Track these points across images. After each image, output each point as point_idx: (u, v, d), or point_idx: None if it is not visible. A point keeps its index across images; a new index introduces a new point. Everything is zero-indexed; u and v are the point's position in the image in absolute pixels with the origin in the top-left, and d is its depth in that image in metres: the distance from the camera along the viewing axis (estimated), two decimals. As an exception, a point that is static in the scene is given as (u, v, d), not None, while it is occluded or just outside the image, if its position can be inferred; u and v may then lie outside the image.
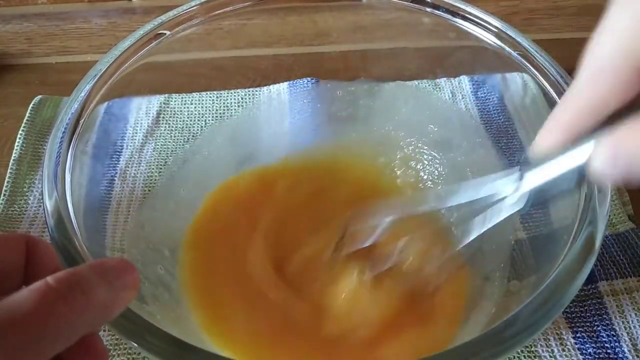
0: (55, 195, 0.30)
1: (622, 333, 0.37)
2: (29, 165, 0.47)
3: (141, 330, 0.26)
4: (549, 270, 0.28)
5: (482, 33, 0.39)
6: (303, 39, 0.47)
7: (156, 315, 0.32)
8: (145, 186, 0.42)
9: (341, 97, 0.48)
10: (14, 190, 0.45)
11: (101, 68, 0.36)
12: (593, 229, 0.29)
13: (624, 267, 0.40)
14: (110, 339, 0.37)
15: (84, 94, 0.34)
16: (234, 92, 0.50)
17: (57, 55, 0.59)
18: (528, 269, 0.35)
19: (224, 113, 0.48)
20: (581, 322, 0.37)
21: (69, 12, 0.56)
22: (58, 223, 0.29)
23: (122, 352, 0.37)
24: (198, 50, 0.43)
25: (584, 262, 0.28)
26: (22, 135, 0.49)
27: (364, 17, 0.45)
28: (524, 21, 0.57)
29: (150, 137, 0.44)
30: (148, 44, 0.38)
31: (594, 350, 0.36)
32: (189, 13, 0.40)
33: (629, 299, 0.38)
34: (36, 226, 0.44)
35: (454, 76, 0.49)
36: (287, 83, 0.49)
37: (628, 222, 0.42)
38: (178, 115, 0.47)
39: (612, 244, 0.41)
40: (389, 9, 0.43)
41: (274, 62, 0.49)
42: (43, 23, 0.57)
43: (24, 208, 0.44)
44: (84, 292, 0.22)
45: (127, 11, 0.57)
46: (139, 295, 0.32)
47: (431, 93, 0.48)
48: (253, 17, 0.44)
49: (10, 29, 0.57)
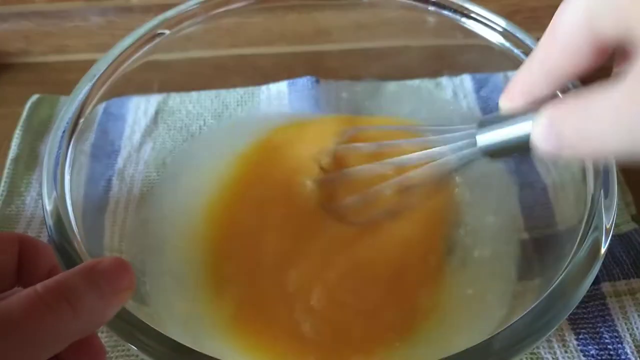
0: (55, 195, 0.30)
1: (625, 334, 0.37)
2: (26, 165, 0.47)
3: (138, 331, 0.26)
4: (554, 274, 0.28)
5: (486, 31, 0.39)
6: (303, 37, 0.47)
7: (155, 316, 0.32)
8: (143, 185, 0.41)
9: (342, 96, 0.48)
10: (11, 190, 0.45)
11: (101, 67, 0.36)
12: (599, 234, 0.29)
13: (627, 268, 0.39)
14: (108, 340, 0.37)
15: (84, 93, 0.34)
16: (233, 91, 0.49)
17: (54, 54, 0.58)
18: (533, 271, 0.35)
19: (223, 112, 0.48)
20: (584, 324, 0.37)
21: (66, 11, 0.56)
22: (57, 223, 0.29)
23: (121, 354, 0.36)
24: (197, 49, 0.43)
25: (589, 268, 0.28)
26: (19, 134, 0.48)
27: (365, 15, 0.45)
28: (525, 20, 0.57)
29: (149, 137, 0.44)
30: (148, 43, 0.38)
31: (596, 351, 0.36)
32: (189, 12, 0.40)
33: (632, 300, 0.38)
34: (33, 226, 0.43)
35: (457, 75, 0.49)
36: (287, 82, 0.49)
37: (631, 223, 0.42)
38: (176, 114, 0.47)
39: (615, 245, 0.40)
40: (390, 8, 0.42)
41: (274, 60, 0.49)
42: (41, 21, 0.57)
43: (21, 208, 0.44)
44: (70, 301, 0.22)
45: (125, 9, 0.56)
46: (137, 295, 0.32)
47: (433, 92, 0.48)
48: (253, 16, 0.44)
49: (7, 27, 0.57)
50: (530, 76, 0.25)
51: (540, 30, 0.24)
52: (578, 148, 0.22)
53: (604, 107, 0.20)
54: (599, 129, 0.20)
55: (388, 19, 0.44)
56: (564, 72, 0.23)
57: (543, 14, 0.56)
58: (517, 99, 0.26)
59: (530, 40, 0.37)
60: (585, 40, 0.22)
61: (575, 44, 0.22)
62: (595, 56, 0.22)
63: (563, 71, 0.23)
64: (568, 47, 0.22)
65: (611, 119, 0.20)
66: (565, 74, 0.23)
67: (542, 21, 0.58)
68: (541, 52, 0.24)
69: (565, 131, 0.22)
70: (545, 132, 0.23)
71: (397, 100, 0.46)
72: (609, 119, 0.20)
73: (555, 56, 0.23)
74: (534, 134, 0.24)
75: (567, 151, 0.22)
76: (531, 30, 0.39)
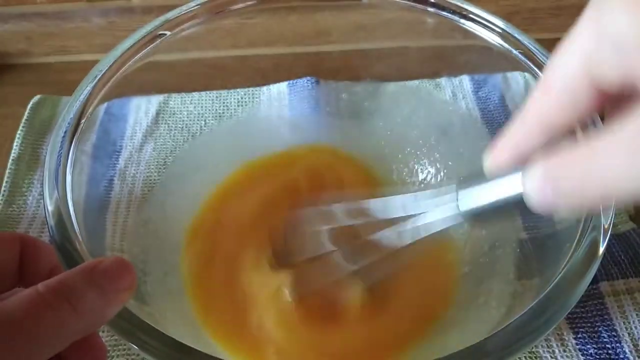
0: (56, 195, 0.30)
1: (624, 333, 0.37)
2: (27, 165, 0.47)
3: (139, 330, 0.26)
4: (552, 274, 0.28)
5: (484, 32, 0.39)
6: (303, 38, 0.47)
7: (156, 315, 0.32)
8: (144, 186, 0.41)
9: (341, 97, 0.48)
10: (13, 190, 0.45)
11: (102, 68, 0.36)
12: (597, 234, 0.29)
13: (625, 267, 0.39)
14: (109, 339, 0.37)
15: (85, 94, 0.34)
16: (233, 92, 0.49)
17: (56, 55, 0.59)
18: (531, 270, 0.35)
19: (224, 113, 0.48)
20: (582, 323, 0.37)
21: (68, 12, 0.56)
22: (58, 223, 0.29)
23: (122, 353, 0.36)
24: (198, 50, 0.43)
25: (587, 267, 0.28)
26: (20, 135, 0.48)
27: (365, 16, 0.45)
28: (524, 20, 0.57)
29: (150, 137, 0.44)
30: (149, 44, 0.38)
31: (595, 350, 0.36)
32: (190, 13, 0.40)
33: (630, 300, 0.38)
34: (35, 226, 0.43)
35: (456, 76, 0.49)
36: (287, 82, 0.49)
37: (629, 222, 0.42)
38: (177, 114, 0.47)
39: (613, 244, 0.41)
40: (390, 9, 0.42)
41: (274, 61, 0.49)
42: (42, 22, 0.57)
43: (23, 208, 0.44)
44: (71, 301, 0.22)
45: (126, 10, 0.57)
46: (138, 295, 0.32)
47: (432, 92, 0.48)
48: (253, 17, 0.44)
49: (9, 28, 0.57)
50: (522, 130, 0.23)
51: (539, 32, 0.23)
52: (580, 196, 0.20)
53: (611, 150, 0.19)
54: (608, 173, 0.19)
55: (387, 20, 0.44)
56: (560, 124, 0.22)
57: (542, 15, 0.57)
58: (505, 155, 0.24)
59: (529, 41, 0.37)
60: (584, 90, 0.20)
61: (573, 94, 0.21)
62: (593, 106, 0.21)
63: (559, 123, 0.22)
64: (566, 98, 0.21)
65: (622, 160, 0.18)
66: (562, 126, 0.22)
67: (541, 22, 0.58)
68: (536, 104, 0.23)
69: (564, 181, 0.20)
70: (541, 184, 0.21)
71: (397, 100, 0.46)
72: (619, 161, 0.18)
73: (551, 107, 0.22)
74: (527, 189, 0.22)
75: (566, 201, 0.21)
76: (530, 31, 0.39)
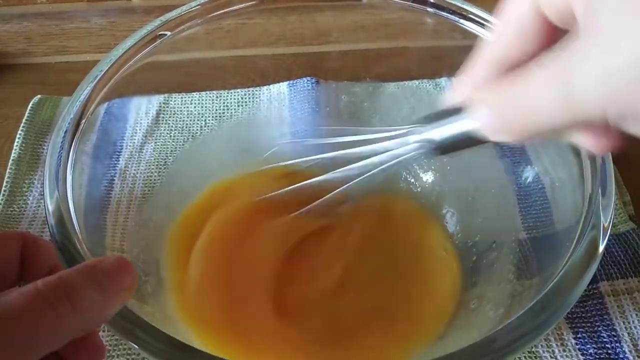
0: (57, 195, 0.30)
1: (623, 333, 0.37)
2: (28, 165, 0.47)
3: (139, 330, 0.26)
4: (552, 273, 0.28)
5: (484, 32, 0.39)
6: (303, 38, 0.47)
7: (156, 315, 0.32)
8: (145, 186, 0.41)
9: (341, 98, 0.48)
10: (13, 190, 0.45)
11: (102, 69, 0.36)
12: (596, 233, 0.29)
13: (624, 267, 0.40)
14: (110, 339, 0.37)
15: (86, 94, 0.34)
16: (233, 92, 0.49)
17: (56, 55, 0.59)
18: (531, 270, 0.35)
19: (224, 113, 0.48)
20: (582, 323, 0.37)
21: (68, 12, 0.56)
22: (59, 222, 0.29)
23: (122, 353, 0.37)
24: (198, 50, 0.43)
25: (587, 267, 0.28)
26: (21, 135, 0.49)
27: (365, 16, 0.45)
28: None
29: (150, 137, 0.44)
30: (149, 45, 0.38)
31: (594, 350, 0.36)
32: (190, 13, 0.40)
33: (630, 299, 0.38)
34: (35, 226, 0.44)
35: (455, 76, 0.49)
36: (287, 83, 0.49)
37: (629, 222, 0.42)
38: (178, 115, 0.47)
39: (613, 244, 0.41)
40: (389, 9, 0.42)
41: (274, 62, 0.49)
42: (42, 22, 0.57)
43: (23, 208, 0.44)
44: (70, 298, 0.22)
45: (126, 11, 0.57)
46: (138, 294, 0.32)
47: (432, 93, 0.48)
48: (253, 17, 0.44)
49: (9, 28, 0.57)
50: (481, 65, 0.24)
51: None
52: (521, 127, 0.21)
53: (539, 83, 0.19)
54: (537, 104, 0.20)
55: (387, 21, 0.44)
56: (512, 57, 0.23)
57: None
58: (466, 90, 0.25)
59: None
60: (532, 21, 0.21)
61: (522, 26, 0.22)
62: (543, 38, 0.22)
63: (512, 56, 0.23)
64: (517, 31, 0.22)
65: (547, 93, 0.19)
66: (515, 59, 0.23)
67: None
68: (493, 38, 0.24)
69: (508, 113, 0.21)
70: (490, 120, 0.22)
71: (396, 101, 0.46)
72: (545, 94, 0.19)
73: (504, 42, 0.23)
74: (482, 125, 0.23)
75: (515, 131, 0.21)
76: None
